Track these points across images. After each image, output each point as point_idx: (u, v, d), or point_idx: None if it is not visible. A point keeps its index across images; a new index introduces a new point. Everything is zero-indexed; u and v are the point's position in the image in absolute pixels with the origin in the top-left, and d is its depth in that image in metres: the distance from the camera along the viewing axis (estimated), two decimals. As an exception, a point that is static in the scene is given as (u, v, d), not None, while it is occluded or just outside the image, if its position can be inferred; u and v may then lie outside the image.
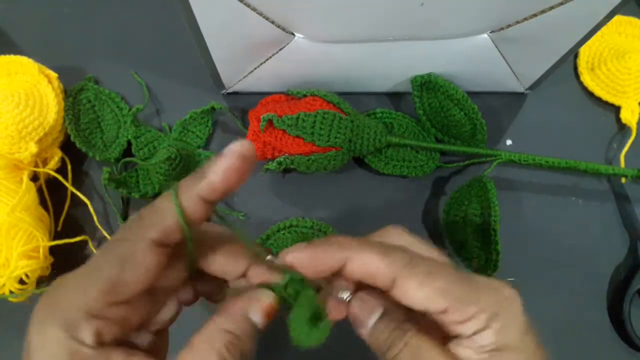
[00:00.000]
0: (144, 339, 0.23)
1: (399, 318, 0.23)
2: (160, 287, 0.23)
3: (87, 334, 0.19)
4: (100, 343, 0.20)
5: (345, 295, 0.24)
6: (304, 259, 0.22)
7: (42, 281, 0.39)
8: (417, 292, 0.22)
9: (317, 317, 0.23)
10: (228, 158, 0.20)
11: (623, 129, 0.45)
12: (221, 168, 0.20)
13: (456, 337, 0.22)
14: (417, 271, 0.22)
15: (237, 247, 0.24)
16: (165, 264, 0.21)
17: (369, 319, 0.23)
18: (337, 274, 0.23)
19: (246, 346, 0.22)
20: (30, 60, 0.40)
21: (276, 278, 0.23)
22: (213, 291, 0.26)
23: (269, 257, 0.24)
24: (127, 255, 0.20)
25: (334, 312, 0.23)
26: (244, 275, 0.24)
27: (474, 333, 0.22)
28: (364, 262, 0.22)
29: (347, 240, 0.23)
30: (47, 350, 0.19)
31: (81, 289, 0.20)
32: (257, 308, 0.22)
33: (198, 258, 0.23)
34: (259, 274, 0.24)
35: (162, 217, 0.21)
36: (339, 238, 0.23)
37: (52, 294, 0.21)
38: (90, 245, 0.40)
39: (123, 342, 0.22)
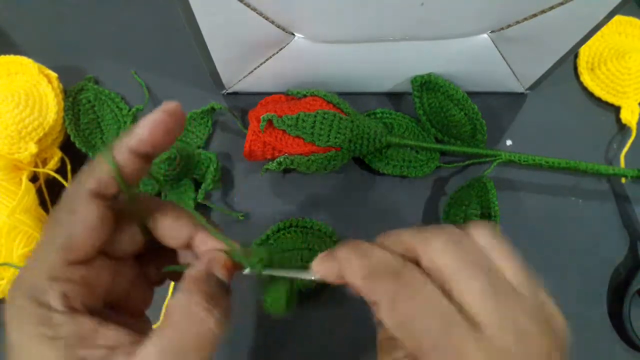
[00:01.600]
0: (122, 320, 0.23)
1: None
2: (119, 252, 0.23)
3: (53, 299, 0.19)
4: (70, 307, 0.20)
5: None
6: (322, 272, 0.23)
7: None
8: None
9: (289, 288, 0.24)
10: (154, 113, 0.21)
11: (623, 129, 0.45)
12: (147, 122, 0.21)
13: None
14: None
15: (183, 214, 0.24)
16: (111, 219, 0.22)
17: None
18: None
19: (222, 304, 0.21)
20: (30, 60, 0.40)
21: (220, 245, 0.23)
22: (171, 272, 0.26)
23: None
24: (69, 210, 0.21)
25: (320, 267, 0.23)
26: (189, 246, 0.24)
27: None
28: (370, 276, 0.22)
29: (335, 255, 0.23)
30: (18, 321, 0.19)
31: (40, 256, 0.20)
32: (219, 266, 0.22)
33: (146, 219, 0.23)
34: (204, 241, 0.23)
35: (96, 169, 0.21)
36: (328, 253, 0.23)
37: (20, 273, 0.21)
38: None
39: (96, 314, 0.21)
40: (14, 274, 0.36)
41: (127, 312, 0.23)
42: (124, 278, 0.24)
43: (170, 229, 0.23)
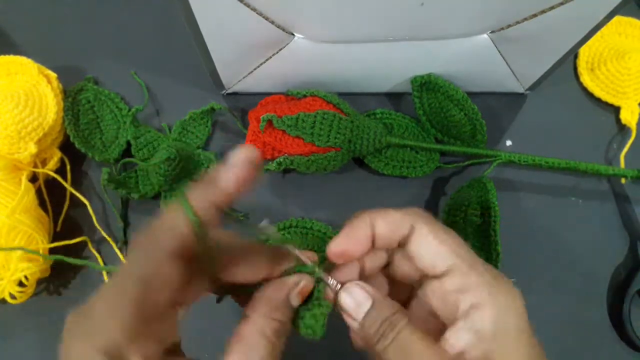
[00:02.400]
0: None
1: (390, 310, 0.24)
2: (187, 302, 0.23)
3: (134, 358, 0.19)
4: None
5: (333, 283, 0.25)
6: (342, 244, 0.24)
7: (42, 283, 0.39)
8: (429, 244, 0.24)
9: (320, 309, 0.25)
10: (239, 165, 0.21)
11: (623, 129, 0.45)
12: (234, 175, 0.21)
13: (451, 316, 0.23)
14: (430, 221, 0.24)
15: (255, 252, 0.24)
16: (188, 275, 0.21)
17: (359, 310, 0.24)
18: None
19: (289, 329, 0.23)
20: (30, 61, 0.40)
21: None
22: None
23: (294, 250, 0.25)
24: (149, 271, 0.19)
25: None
26: (265, 279, 0.24)
27: (471, 307, 0.22)
28: (386, 218, 0.25)
29: (368, 211, 0.25)
30: None
31: (113, 312, 0.19)
32: (296, 293, 0.24)
33: (218, 269, 0.23)
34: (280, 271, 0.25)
35: (176, 226, 0.20)
36: (360, 212, 0.25)
37: (82, 318, 0.19)
38: (90, 246, 0.40)
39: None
40: (13, 274, 0.35)
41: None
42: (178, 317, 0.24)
43: (246, 275, 0.24)
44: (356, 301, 0.24)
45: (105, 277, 0.39)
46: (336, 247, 0.25)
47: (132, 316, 0.19)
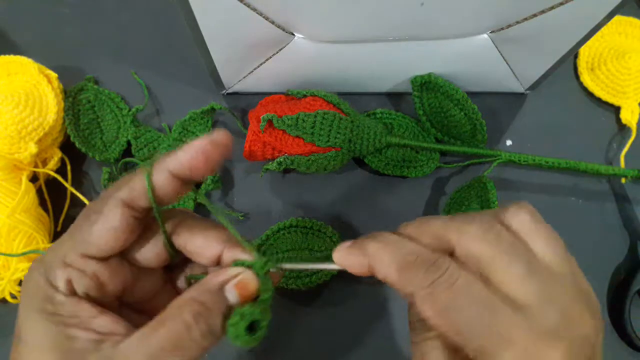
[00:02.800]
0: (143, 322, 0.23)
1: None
2: (143, 262, 0.24)
3: (60, 281, 0.21)
4: (72, 292, 0.22)
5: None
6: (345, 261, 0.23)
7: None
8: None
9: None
10: (200, 140, 0.22)
11: (623, 129, 0.45)
12: (191, 147, 0.22)
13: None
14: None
15: (215, 231, 0.24)
16: (135, 228, 0.23)
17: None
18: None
19: (215, 321, 0.21)
20: (30, 60, 0.40)
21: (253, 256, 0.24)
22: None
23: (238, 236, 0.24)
24: (97, 211, 0.22)
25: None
26: (218, 262, 0.24)
27: None
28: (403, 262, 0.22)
29: (367, 244, 0.23)
30: (28, 292, 0.22)
31: (61, 244, 0.23)
32: (232, 285, 0.22)
33: (174, 233, 0.24)
34: (234, 255, 0.24)
35: (132, 181, 0.22)
36: (358, 242, 0.23)
37: (46, 253, 0.23)
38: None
39: (109, 309, 0.23)
40: (13, 273, 0.36)
41: (151, 315, 0.23)
42: (148, 284, 0.25)
43: (198, 248, 0.24)
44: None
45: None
46: (344, 263, 0.23)
47: (72, 249, 0.22)
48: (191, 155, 0.22)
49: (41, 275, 0.22)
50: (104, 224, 0.22)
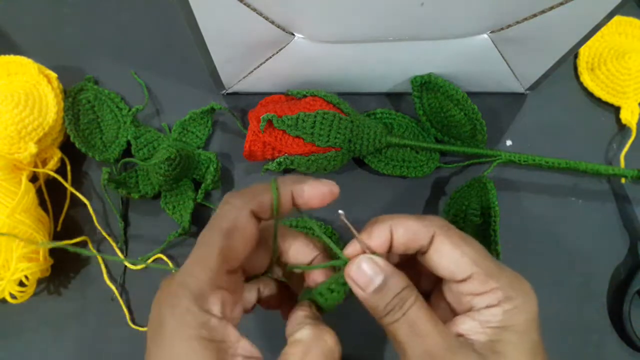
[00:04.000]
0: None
1: (400, 285, 0.24)
2: (251, 271, 0.26)
3: (214, 305, 0.22)
4: (225, 315, 0.22)
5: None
6: (366, 240, 0.25)
7: (42, 283, 0.39)
8: (448, 255, 0.24)
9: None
10: (327, 184, 0.25)
11: (623, 129, 0.45)
12: (317, 185, 0.25)
13: (465, 312, 0.24)
14: (452, 234, 0.25)
15: (311, 242, 0.27)
16: (258, 238, 0.24)
17: (370, 284, 0.24)
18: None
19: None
20: (30, 61, 0.40)
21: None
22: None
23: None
24: (233, 223, 0.23)
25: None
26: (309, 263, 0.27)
27: (486, 307, 0.23)
28: (405, 226, 0.25)
29: (388, 215, 0.26)
30: (180, 320, 0.21)
31: (202, 264, 0.22)
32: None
33: (279, 244, 0.27)
34: (320, 275, 0.27)
35: (260, 193, 0.24)
36: (380, 217, 0.26)
37: (177, 275, 0.23)
38: (90, 246, 0.40)
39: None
40: (13, 273, 0.35)
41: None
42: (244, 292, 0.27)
43: (298, 254, 0.27)
44: (367, 273, 0.24)
45: (105, 276, 0.39)
46: (355, 248, 0.26)
47: (217, 267, 0.22)
48: (313, 192, 0.25)
49: (192, 301, 0.21)
50: (242, 236, 0.23)
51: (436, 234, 0.25)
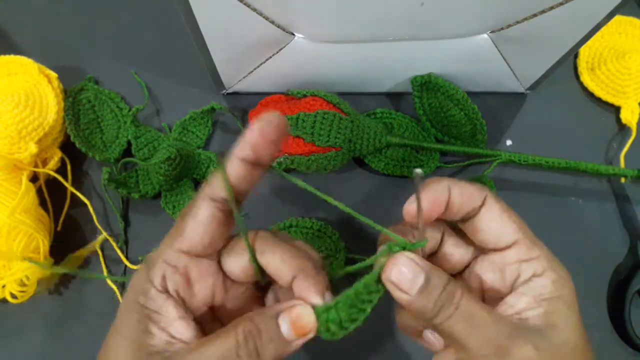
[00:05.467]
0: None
1: (445, 280, 0.23)
2: (228, 270, 0.25)
3: (156, 277, 0.23)
4: (164, 288, 0.23)
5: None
6: (426, 199, 0.25)
7: (42, 283, 0.39)
8: (498, 219, 0.25)
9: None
10: (255, 122, 0.23)
11: (623, 129, 0.45)
12: (249, 130, 0.23)
13: (510, 289, 0.24)
14: (500, 201, 0.26)
15: (290, 256, 0.24)
16: (223, 222, 0.24)
17: (412, 284, 0.23)
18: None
19: (264, 346, 0.22)
20: (30, 60, 0.40)
21: (314, 302, 0.23)
22: None
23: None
24: (189, 210, 0.24)
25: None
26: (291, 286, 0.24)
27: (533, 275, 0.24)
28: (461, 187, 0.25)
29: (442, 177, 0.26)
30: (131, 284, 0.24)
31: (164, 241, 0.24)
32: (286, 315, 0.23)
33: (260, 252, 0.25)
34: (301, 290, 0.24)
35: (212, 176, 0.24)
36: (436, 177, 0.26)
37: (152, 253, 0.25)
38: (92, 245, 0.40)
39: (198, 316, 0.24)
40: (13, 274, 0.36)
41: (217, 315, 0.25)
42: (238, 298, 0.26)
43: (276, 269, 0.24)
44: (408, 274, 0.23)
45: (107, 278, 0.39)
46: (412, 206, 0.25)
47: (171, 246, 0.24)
48: (249, 136, 0.23)
49: (144, 270, 0.24)
50: (193, 219, 0.24)
51: (488, 196, 0.25)
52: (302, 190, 0.42)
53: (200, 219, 0.24)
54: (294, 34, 0.36)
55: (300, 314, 0.23)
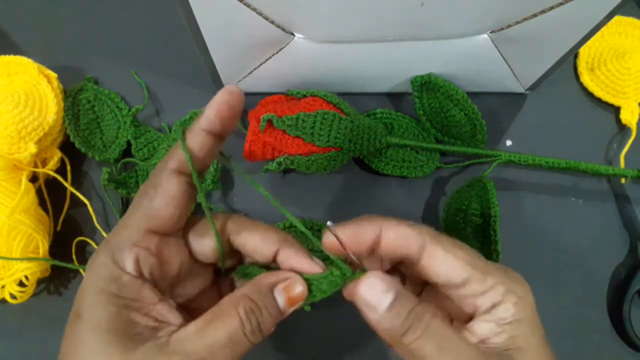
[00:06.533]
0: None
1: (414, 301, 0.23)
2: (196, 250, 0.25)
3: (128, 262, 0.22)
4: (139, 273, 0.22)
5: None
6: (347, 235, 0.25)
7: (42, 283, 0.39)
8: (442, 261, 0.24)
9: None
10: (217, 95, 0.23)
11: (623, 129, 0.45)
12: (212, 102, 0.23)
13: (471, 316, 0.24)
14: (442, 241, 0.24)
15: (272, 231, 0.25)
16: (191, 195, 0.24)
17: (382, 301, 0.23)
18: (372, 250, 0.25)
19: (265, 321, 0.23)
20: (30, 60, 0.40)
21: (306, 266, 0.24)
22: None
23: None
24: (154, 184, 0.23)
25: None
26: (273, 260, 0.25)
27: (492, 306, 0.23)
28: (397, 232, 0.25)
29: (379, 216, 0.25)
30: (94, 273, 0.22)
31: (126, 224, 0.23)
32: (281, 288, 0.23)
33: (234, 233, 0.25)
34: (288, 257, 0.24)
35: (175, 150, 0.24)
36: (371, 215, 0.25)
37: (109, 235, 0.23)
38: (93, 245, 0.40)
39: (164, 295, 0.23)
40: (13, 274, 0.36)
41: (193, 315, 0.24)
42: (199, 280, 0.26)
43: (256, 247, 0.25)
44: (377, 294, 0.23)
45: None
46: (328, 240, 0.25)
47: (138, 225, 0.23)
48: (216, 108, 0.23)
49: (108, 256, 0.22)
50: (163, 194, 0.23)
51: (427, 241, 0.24)
52: (302, 191, 0.42)
53: (171, 194, 0.23)
54: (294, 34, 0.36)
55: (294, 285, 0.23)
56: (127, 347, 0.20)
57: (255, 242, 0.25)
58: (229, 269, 0.27)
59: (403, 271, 0.28)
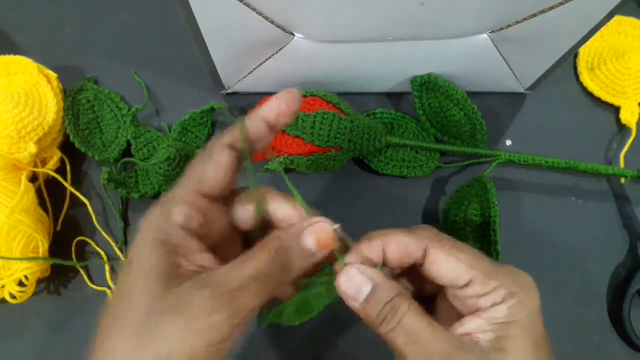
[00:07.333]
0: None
1: (391, 294, 0.25)
2: (238, 217, 0.27)
3: (178, 214, 0.24)
4: (187, 225, 0.24)
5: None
6: (356, 260, 0.26)
7: (42, 283, 0.39)
8: (445, 264, 0.25)
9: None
10: (281, 93, 0.26)
11: (623, 129, 0.45)
12: (277, 98, 0.26)
13: (472, 313, 0.25)
14: (444, 244, 0.26)
15: (296, 206, 0.28)
16: (237, 169, 0.26)
17: (359, 294, 0.25)
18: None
19: (293, 259, 0.24)
20: (30, 60, 0.40)
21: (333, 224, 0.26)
22: None
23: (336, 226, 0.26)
24: (208, 155, 0.25)
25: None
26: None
27: (492, 305, 0.24)
28: (397, 243, 0.26)
29: (380, 231, 0.27)
30: (147, 223, 0.24)
31: (180, 186, 0.25)
32: (312, 231, 0.25)
33: (270, 200, 0.27)
34: (319, 219, 0.26)
35: (233, 129, 0.26)
36: (372, 232, 0.27)
37: (165, 195, 0.26)
38: (93, 245, 0.40)
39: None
40: (13, 274, 0.36)
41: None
42: (233, 248, 0.28)
43: (286, 214, 0.27)
44: (355, 285, 0.25)
45: (108, 275, 0.39)
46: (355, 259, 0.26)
47: (190, 188, 0.25)
48: (278, 103, 0.25)
49: (161, 209, 0.24)
50: (215, 163, 0.25)
51: (428, 246, 0.26)
52: (302, 191, 0.42)
53: (222, 163, 0.25)
54: (294, 34, 0.36)
55: (324, 228, 0.25)
56: (170, 284, 0.22)
57: (286, 210, 0.27)
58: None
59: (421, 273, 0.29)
